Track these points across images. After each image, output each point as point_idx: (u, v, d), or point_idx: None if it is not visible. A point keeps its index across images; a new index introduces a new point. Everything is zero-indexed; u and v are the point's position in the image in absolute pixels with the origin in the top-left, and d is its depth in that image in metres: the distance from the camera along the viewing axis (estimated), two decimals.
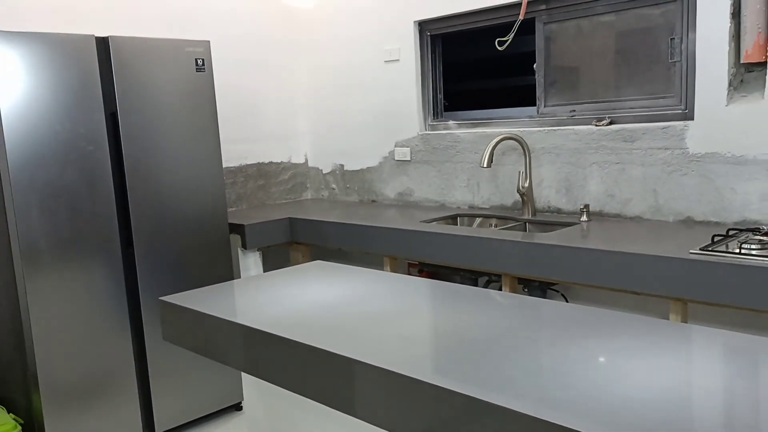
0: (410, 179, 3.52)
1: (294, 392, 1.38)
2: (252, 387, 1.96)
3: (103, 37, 2.57)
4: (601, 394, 1.00)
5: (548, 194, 2.92)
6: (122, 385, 2.68)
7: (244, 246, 3.18)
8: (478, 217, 3.10)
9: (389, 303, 1.58)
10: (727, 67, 2.35)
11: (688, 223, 2.49)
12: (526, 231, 2.87)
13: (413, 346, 1.26)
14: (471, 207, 3.24)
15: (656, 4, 2.58)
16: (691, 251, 1.99)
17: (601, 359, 1.14)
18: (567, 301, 2.32)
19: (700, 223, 2.46)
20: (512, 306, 1.51)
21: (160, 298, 1.79)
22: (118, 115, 2.61)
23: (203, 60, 2.84)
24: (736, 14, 2.33)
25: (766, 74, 2.28)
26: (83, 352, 2.57)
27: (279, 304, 1.64)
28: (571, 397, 0.99)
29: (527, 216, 2.90)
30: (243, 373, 2.03)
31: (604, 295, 2.71)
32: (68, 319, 2.53)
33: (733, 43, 2.35)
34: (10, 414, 2.55)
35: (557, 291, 2.87)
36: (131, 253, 2.70)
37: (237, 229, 3.20)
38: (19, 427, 2.48)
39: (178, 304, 1.70)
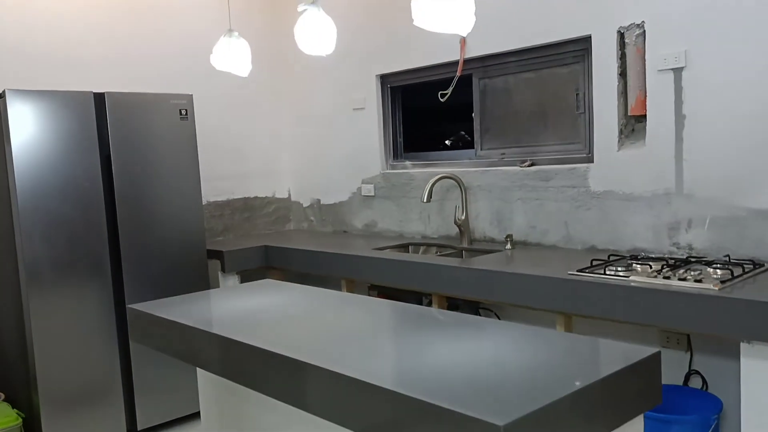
0: (374, 212, 3.96)
1: (228, 379, 1.80)
2: (209, 390, 2.38)
3: (100, 93, 3.08)
4: (427, 368, 1.41)
5: (483, 225, 3.34)
6: (109, 387, 3.12)
7: (224, 270, 3.63)
8: (424, 245, 3.53)
9: (306, 309, 2.02)
10: (617, 119, 2.77)
11: (592, 251, 2.88)
12: (462, 257, 3.28)
13: (315, 340, 1.69)
14: (423, 237, 3.67)
15: (565, 65, 3.02)
16: (569, 272, 2.39)
17: (439, 346, 1.56)
18: (499, 319, 2.71)
19: (601, 250, 2.86)
20: (401, 312, 1.93)
21: (128, 306, 2.23)
22: (111, 157, 3.11)
23: (186, 110, 3.34)
24: (624, 74, 2.76)
25: (645, 125, 2.70)
26: (76, 359, 3.02)
27: (225, 309, 2.07)
28: (420, 372, 1.41)
29: (465, 244, 3.31)
30: (199, 379, 2.46)
31: (525, 313, 3.10)
32: (64, 330, 2.98)
33: (621, 99, 2.77)
34: (14, 409, 3.00)
35: (490, 310, 3.26)
36: (120, 275, 3.16)
37: (217, 255, 3.66)
38: (20, 420, 2.93)
39: (142, 310, 2.15)
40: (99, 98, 3.07)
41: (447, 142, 3.77)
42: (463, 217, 3.30)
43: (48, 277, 2.93)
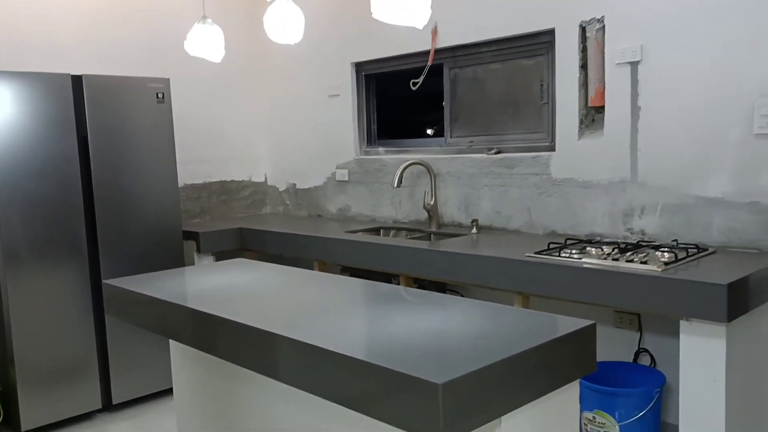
0: (348, 197, 4.07)
1: (199, 350, 1.90)
2: (181, 363, 2.48)
3: (77, 75, 3.14)
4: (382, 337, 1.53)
5: (452, 211, 3.46)
6: (85, 363, 3.20)
7: (199, 251, 3.72)
8: (395, 229, 3.64)
9: (275, 285, 2.12)
10: (577, 109, 2.90)
11: (553, 235, 3.02)
12: (430, 241, 3.40)
13: (280, 313, 1.80)
14: (395, 221, 3.78)
15: (531, 56, 3.14)
16: (526, 254, 2.52)
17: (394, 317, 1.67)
18: None
19: (562, 235, 2.99)
20: (363, 289, 2.04)
21: (103, 281, 2.32)
22: (89, 139, 3.17)
23: (163, 94, 3.41)
24: (585, 66, 2.89)
25: (603, 116, 2.83)
26: (53, 335, 3.10)
27: (198, 285, 2.17)
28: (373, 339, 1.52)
29: (433, 228, 3.43)
30: (172, 355, 2.55)
31: (488, 293, 3.23)
32: (41, 307, 3.06)
33: (582, 90, 2.90)
34: None
35: (456, 291, 3.39)
36: (96, 255, 3.23)
37: (193, 236, 3.74)
38: None
39: (117, 285, 2.24)
40: (76, 80, 3.13)
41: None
42: (432, 203, 3.42)
43: (25, 256, 3.00)
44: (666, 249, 2.43)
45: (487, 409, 1.31)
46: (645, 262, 2.25)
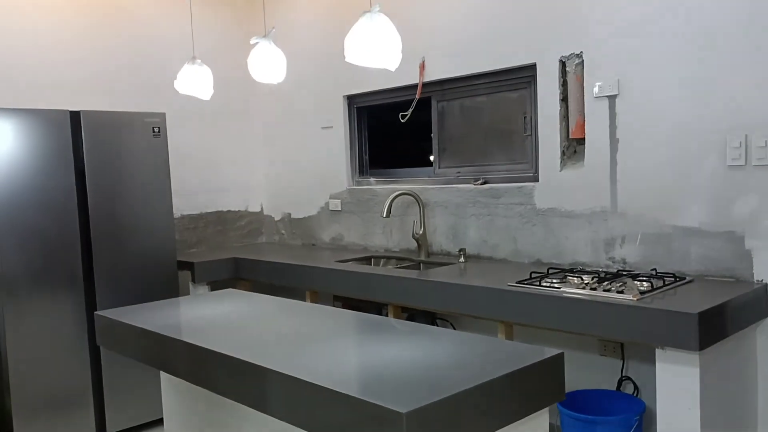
0: (341, 226, 4.14)
1: (187, 381, 1.95)
2: (172, 394, 2.54)
3: (75, 111, 3.24)
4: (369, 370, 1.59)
5: (440, 240, 3.52)
6: (80, 393, 3.25)
7: (194, 280, 3.79)
8: (385, 258, 3.71)
9: (257, 316, 2.18)
10: (559, 141, 2.98)
11: (538, 264, 3.08)
12: (420, 269, 3.46)
13: (259, 343, 1.86)
14: (386, 250, 3.85)
15: (515, 90, 3.24)
16: (509, 284, 2.58)
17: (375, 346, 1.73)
18: (454, 329, 2.89)
19: (546, 264, 3.05)
20: (343, 319, 2.10)
21: (95, 312, 2.39)
22: (86, 173, 3.27)
23: (159, 128, 3.51)
24: (565, 100, 2.97)
25: (584, 148, 2.91)
26: (49, 365, 3.16)
27: (186, 316, 2.24)
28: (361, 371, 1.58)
29: (422, 257, 3.49)
30: (162, 386, 2.61)
31: (476, 323, 3.28)
32: (38, 337, 3.12)
33: (564, 122, 2.98)
34: None
35: (446, 320, 3.44)
36: (92, 285, 3.30)
37: (188, 266, 3.81)
38: None
39: (108, 316, 2.30)
40: (75, 116, 3.24)
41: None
42: (420, 232, 3.49)
43: (23, 287, 3.07)
44: (644, 278, 2.49)
45: None
46: (621, 292, 2.30)
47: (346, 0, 3.92)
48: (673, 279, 2.49)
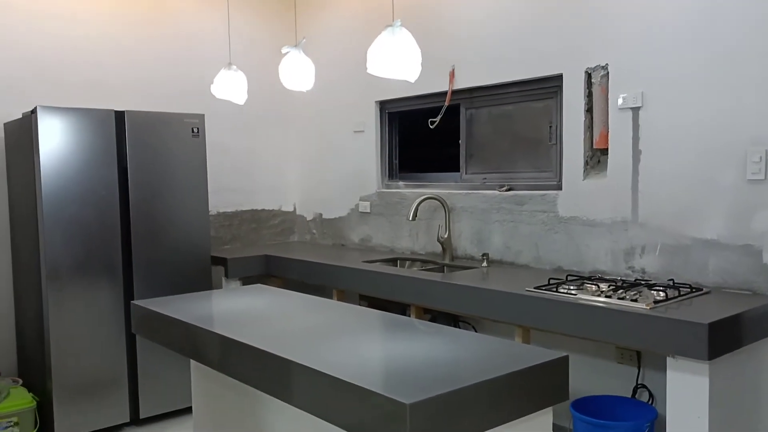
0: (369, 228, 4.25)
1: (214, 369, 2.08)
2: (201, 382, 2.68)
3: (120, 111, 3.42)
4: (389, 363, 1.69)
5: (465, 244, 3.60)
6: (116, 378, 3.43)
7: (227, 275, 3.94)
8: (410, 260, 3.80)
9: (282, 312, 2.30)
10: (583, 151, 3.03)
11: (559, 271, 3.13)
12: (444, 272, 3.54)
13: (280, 335, 1.98)
14: (412, 252, 3.94)
15: (540, 99, 3.30)
16: (526, 289, 2.65)
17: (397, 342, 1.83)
18: (475, 331, 2.97)
19: (567, 271, 3.10)
20: (363, 317, 2.21)
21: (132, 302, 2.54)
22: (128, 170, 3.44)
23: (198, 128, 3.67)
24: (590, 110, 3.03)
25: (607, 158, 2.96)
26: (88, 351, 3.34)
27: (216, 308, 2.37)
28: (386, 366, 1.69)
29: (446, 261, 3.58)
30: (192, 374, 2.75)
31: (497, 326, 3.35)
32: (78, 324, 3.31)
33: (588, 133, 3.04)
34: (30, 393, 3.33)
35: (468, 323, 3.52)
36: (130, 276, 3.48)
37: (222, 261, 3.97)
38: (35, 403, 3.25)
39: (143, 306, 2.45)
40: (119, 116, 3.41)
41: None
42: (446, 236, 3.57)
43: (66, 275, 3.26)
44: (660, 288, 2.54)
45: (455, 430, 1.46)
46: (635, 300, 2.35)
47: (376, 10, 4.03)
48: (689, 290, 2.53)
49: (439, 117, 3.68)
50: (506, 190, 3.41)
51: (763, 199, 2.47)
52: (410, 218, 3.49)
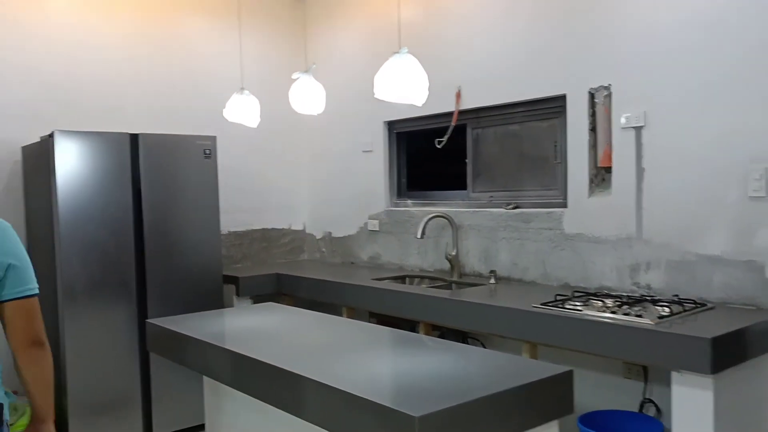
0: (379, 246, 4.31)
1: (228, 385, 2.14)
2: (213, 399, 2.73)
3: (134, 134, 3.51)
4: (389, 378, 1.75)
5: (473, 261, 3.65)
6: (130, 396, 3.48)
7: (238, 294, 4.00)
8: (419, 278, 3.85)
9: (292, 327, 2.36)
10: (587, 169, 3.09)
11: (566, 287, 3.17)
12: (452, 289, 3.59)
13: (290, 352, 2.04)
14: (421, 269, 3.99)
15: (545, 119, 3.36)
16: (533, 305, 2.69)
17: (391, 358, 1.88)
18: (484, 347, 3.01)
19: (574, 287, 3.14)
20: (372, 334, 2.26)
21: (146, 320, 2.60)
22: (142, 191, 3.53)
23: (210, 150, 3.75)
24: (594, 129, 3.09)
25: (611, 176, 3.01)
26: (102, 369, 3.40)
27: (229, 326, 2.43)
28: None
29: (455, 278, 3.63)
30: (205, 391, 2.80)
31: (505, 342, 3.38)
32: (93, 342, 3.37)
33: (592, 151, 3.09)
34: None
35: (477, 339, 3.55)
36: (144, 295, 3.55)
37: (233, 280, 4.03)
38: None
39: (157, 324, 2.52)
40: (134, 139, 3.51)
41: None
42: (453, 253, 3.62)
43: (81, 295, 3.33)
44: (665, 303, 2.57)
45: None
46: (640, 316, 2.39)
47: (384, 33, 4.12)
48: (693, 305, 2.57)
49: (446, 137, 3.75)
50: (513, 208, 3.46)
51: (764, 216, 2.51)
52: (418, 236, 3.55)
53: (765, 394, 2.45)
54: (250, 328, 2.38)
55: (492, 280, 3.40)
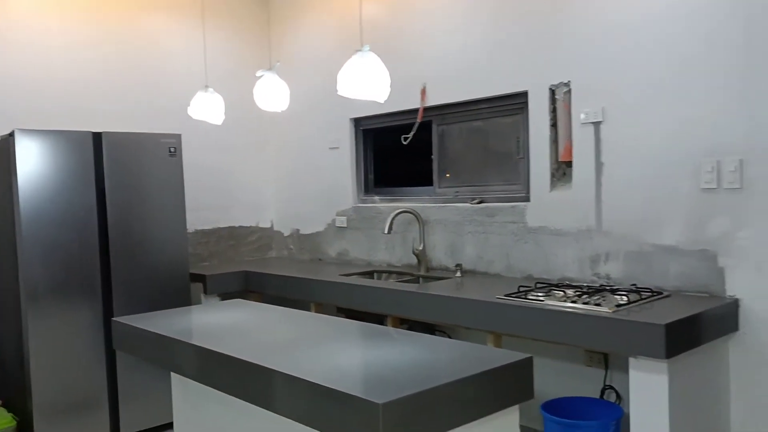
0: (347, 242, 4.34)
1: (196, 381, 2.15)
2: (181, 395, 2.73)
3: (97, 132, 3.48)
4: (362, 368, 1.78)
5: (439, 256, 3.71)
6: (96, 396, 3.45)
7: (206, 292, 3.99)
8: (387, 272, 3.89)
9: (260, 323, 2.38)
10: (549, 164, 3.16)
11: (529, 279, 3.25)
12: (419, 283, 3.64)
13: (260, 346, 2.06)
14: (389, 265, 4.03)
15: (508, 115, 3.43)
16: (497, 297, 2.76)
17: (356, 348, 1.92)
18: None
19: (537, 279, 3.22)
20: (337, 327, 2.29)
21: (113, 318, 2.59)
22: (106, 190, 3.50)
23: (175, 148, 3.74)
24: (555, 125, 3.16)
25: (572, 170, 3.09)
26: (67, 369, 3.36)
27: (196, 322, 2.44)
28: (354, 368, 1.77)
29: (422, 272, 3.68)
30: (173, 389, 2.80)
31: (470, 333, 3.44)
32: (58, 343, 3.34)
33: (553, 146, 3.17)
34: (10, 413, 3.34)
35: (444, 332, 3.61)
36: (110, 295, 3.52)
37: (200, 278, 4.02)
38: (15, 423, 3.27)
39: (124, 322, 2.51)
40: (97, 137, 3.48)
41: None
42: (420, 248, 3.67)
43: (45, 295, 3.29)
44: (623, 292, 2.66)
45: (426, 429, 1.55)
46: (599, 304, 2.47)
47: (347, 30, 4.15)
48: (650, 293, 2.65)
49: (412, 133, 3.80)
50: (478, 203, 3.53)
51: (716, 207, 2.61)
52: (386, 231, 3.59)
53: (717, 377, 2.55)
54: (218, 324, 2.39)
55: (458, 274, 3.46)
